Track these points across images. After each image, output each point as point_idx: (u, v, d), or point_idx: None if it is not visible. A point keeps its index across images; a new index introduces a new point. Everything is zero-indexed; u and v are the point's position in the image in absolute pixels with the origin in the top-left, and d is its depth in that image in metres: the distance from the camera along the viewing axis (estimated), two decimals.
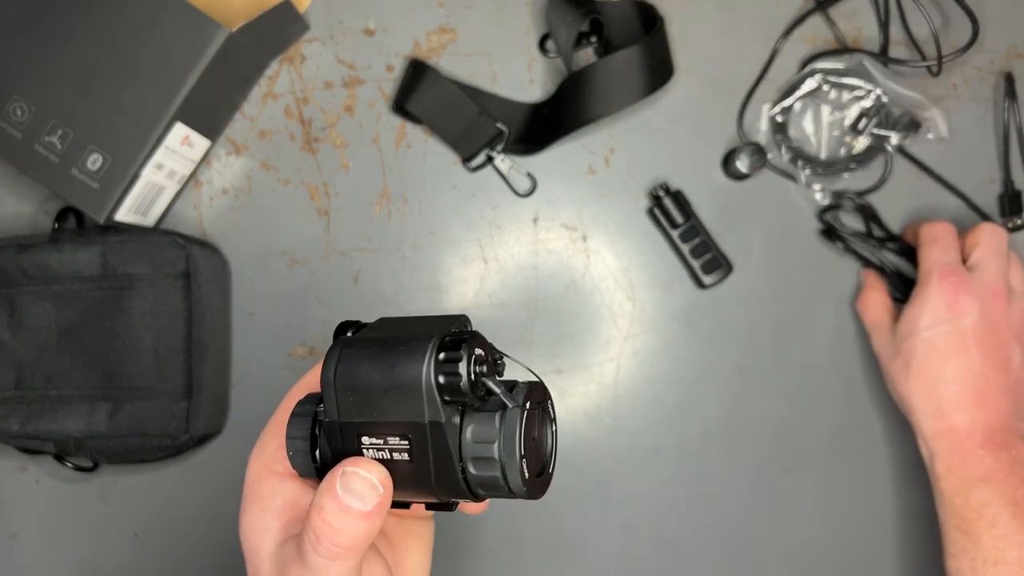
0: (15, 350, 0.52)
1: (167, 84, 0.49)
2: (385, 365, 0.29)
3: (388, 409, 0.29)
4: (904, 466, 0.56)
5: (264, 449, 0.35)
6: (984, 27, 0.57)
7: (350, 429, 0.30)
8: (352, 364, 0.29)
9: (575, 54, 0.55)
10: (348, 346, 0.30)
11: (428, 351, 0.28)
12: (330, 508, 0.29)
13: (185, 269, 0.52)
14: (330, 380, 0.29)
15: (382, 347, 0.29)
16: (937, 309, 0.49)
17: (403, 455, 0.29)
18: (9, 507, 0.56)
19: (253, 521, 0.33)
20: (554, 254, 0.57)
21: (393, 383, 0.28)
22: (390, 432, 0.29)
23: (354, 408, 0.29)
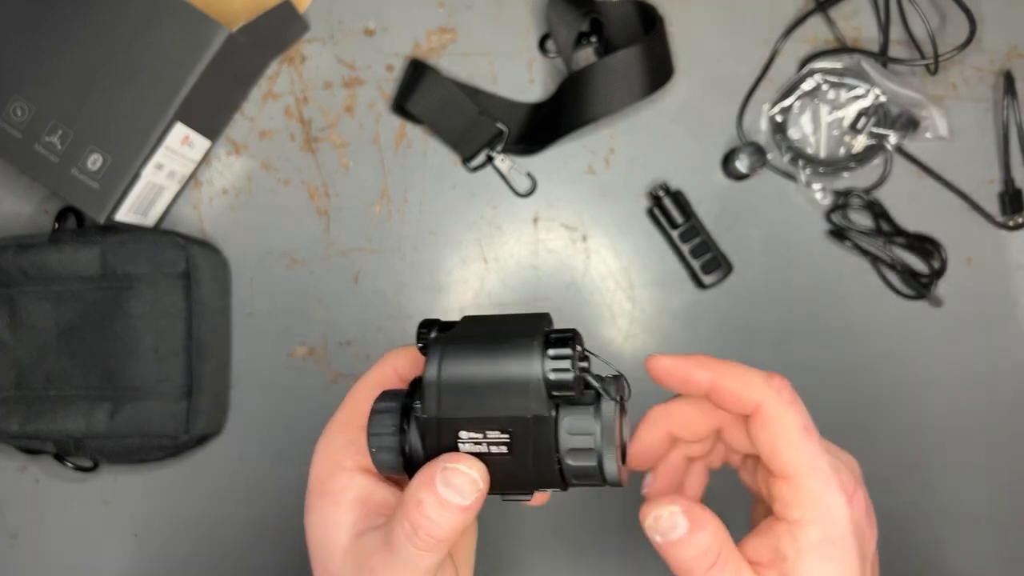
0: (15, 350, 0.52)
1: (167, 84, 0.49)
2: (493, 362, 0.30)
3: (492, 405, 0.30)
4: (903, 466, 0.56)
5: (332, 445, 0.34)
6: (984, 27, 0.57)
7: (449, 424, 0.30)
8: (458, 362, 0.30)
9: (575, 54, 0.55)
10: (450, 344, 0.30)
11: (537, 348, 0.29)
12: (429, 502, 0.30)
13: (185, 269, 0.52)
14: (434, 378, 0.30)
15: (487, 345, 0.30)
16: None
17: (501, 448, 0.30)
18: (9, 507, 0.56)
19: (324, 515, 0.33)
20: (554, 254, 0.57)
21: (501, 380, 0.29)
22: (491, 427, 0.30)
23: (456, 404, 0.30)
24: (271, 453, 0.55)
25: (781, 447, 0.32)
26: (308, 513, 0.34)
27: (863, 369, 0.56)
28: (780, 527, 0.32)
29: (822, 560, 0.31)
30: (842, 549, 0.32)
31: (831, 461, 0.32)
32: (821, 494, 0.32)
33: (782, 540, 0.32)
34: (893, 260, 0.55)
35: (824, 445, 0.33)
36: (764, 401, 0.33)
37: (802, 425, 0.33)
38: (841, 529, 0.32)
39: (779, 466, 0.32)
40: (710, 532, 0.31)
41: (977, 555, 0.56)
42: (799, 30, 0.57)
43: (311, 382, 0.56)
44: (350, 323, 0.56)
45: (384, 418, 0.32)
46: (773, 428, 0.33)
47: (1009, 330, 0.57)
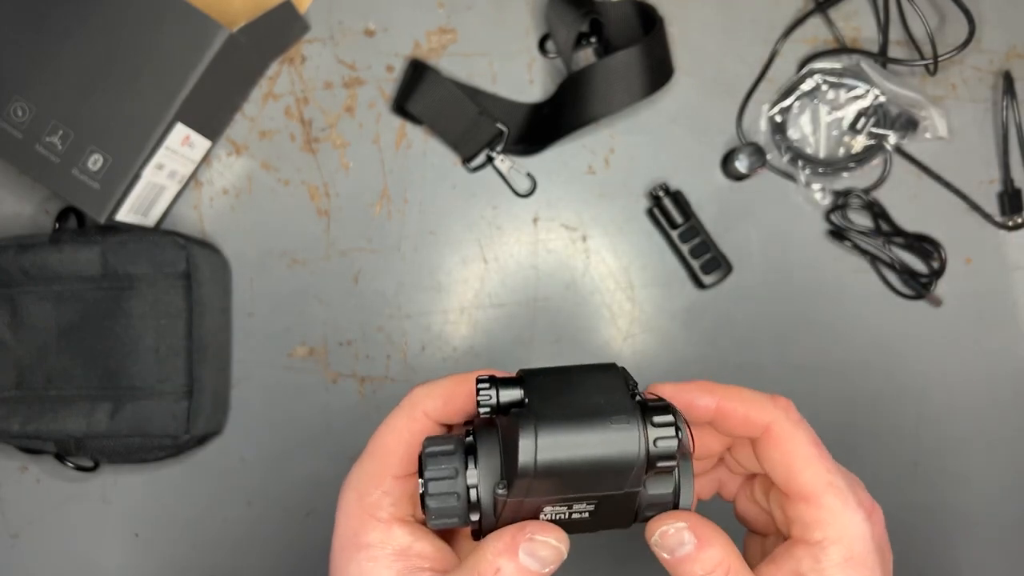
0: (15, 350, 0.52)
1: (168, 84, 0.49)
2: (593, 446, 0.28)
3: (587, 484, 0.29)
4: (903, 465, 0.56)
5: (365, 495, 0.33)
6: (983, 27, 0.57)
7: (535, 504, 0.29)
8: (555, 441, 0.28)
9: (575, 54, 0.55)
10: (542, 425, 0.28)
11: (639, 430, 0.28)
12: (508, 570, 0.29)
13: (185, 269, 0.52)
14: (529, 467, 0.28)
15: (583, 426, 0.28)
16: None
17: (584, 515, 0.30)
18: (10, 507, 0.56)
19: (363, 571, 0.32)
20: (554, 254, 0.57)
21: (601, 463, 0.28)
22: (579, 501, 0.29)
23: (547, 485, 0.29)
24: (271, 453, 0.56)
25: (795, 466, 0.32)
26: (342, 568, 0.33)
27: (863, 369, 0.56)
28: (799, 550, 0.31)
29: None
30: (866, 568, 0.31)
31: (846, 477, 0.32)
32: (841, 512, 0.31)
33: (803, 563, 0.31)
34: (892, 260, 0.55)
35: (835, 463, 0.33)
36: (773, 421, 0.32)
37: (813, 442, 0.32)
38: (864, 547, 0.31)
39: (796, 486, 0.32)
40: (719, 548, 0.30)
41: (977, 555, 0.56)
42: (799, 30, 0.57)
43: (311, 382, 0.56)
44: (350, 323, 0.56)
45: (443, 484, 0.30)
46: (785, 447, 0.32)
47: (1008, 330, 0.57)
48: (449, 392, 0.33)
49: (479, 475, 0.30)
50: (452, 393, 0.33)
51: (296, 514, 0.55)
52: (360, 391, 0.56)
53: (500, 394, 0.30)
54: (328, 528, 0.56)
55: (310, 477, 0.55)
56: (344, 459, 0.55)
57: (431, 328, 0.56)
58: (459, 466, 0.30)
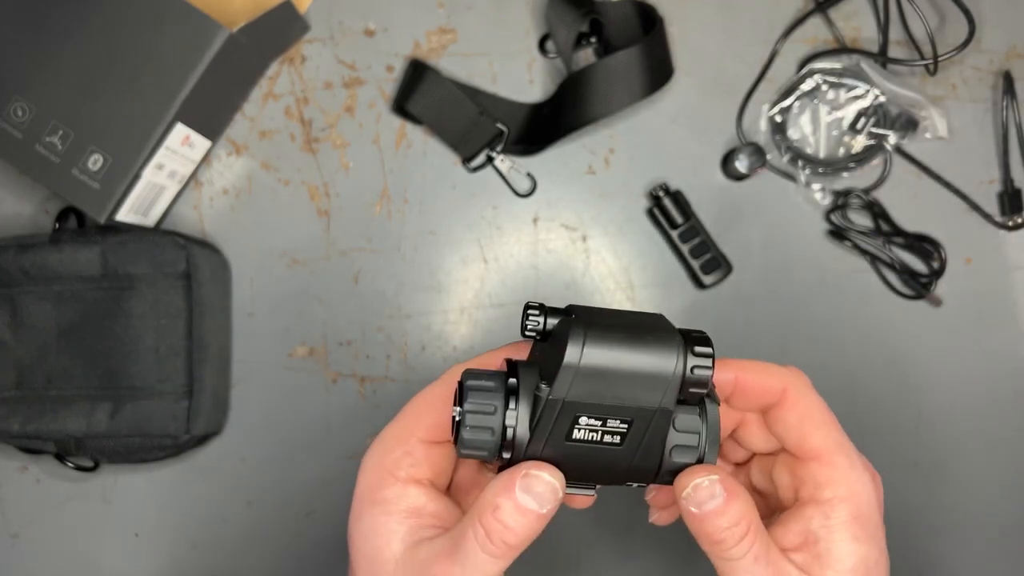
0: (15, 350, 0.52)
1: (168, 84, 0.49)
2: (636, 352, 0.30)
3: (624, 394, 0.30)
4: (903, 465, 0.56)
5: (387, 454, 0.34)
6: (983, 27, 0.57)
7: (572, 408, 0.30)
8: (600, 348, 0.30)
9: (575, 54, 0.55)
10: (591, 329, 0.30)
11: (680, 344, 0.30)
12: (506, 507, 0.30)
13: (185, 269, 0.52)
14: (575, 361, 0.29)
15: (629, 335, 0.30)
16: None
17: (615, 438, 0.31)
18: (9, 507, 0.56)
19: (376, 524, 0.33)
20: (554, 254, 0.57)
21: (641, 371, 0.30)
22: (613, 415, 0.30)
23: (588, 390, 0.30)
24: (271, 453, 0.56)
25: (809, 427, 0.34)
26: (356, 521, 0.34)
27: (862, 369, 0.56)
28: (809, 510, 0.33)
29: (853, 538, 0.32)
30: (871, 526, 0.33)
31: (851, 444, 0.34)
32: (850, 471, 0.33)
33: (813, 521, 0.33)
34: (892, 260, 0.55)
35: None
36: (789, 385, 0.34)
37: (826, 407, 0.34)
38: (869, 507, 0.33)
39: (809, 446, 0.33)
40: (744, 502, 0.31)
41: (977, 555, 0.56)
42: (799, 30, 0.57)
43: (311, 382, 0.56)
44: (350, 323, 0.56)
45: (483, 396, 0.31)
46: (800, 408, 0.34)
47: (1008, 330, 0.57)
48: (485, 362, 0.35)
49: (518, 413, 0.31)
50: (491, 361, 0.35)
51: (296, 514, 0.55)
52: (360, 391, 0.56)
53: (548, 320, 0.31)
54: (328, 528, 0.56)
55: (310, 477, 0.55)
56: (344, 459, 0.55)
57: (431, 328, 0.56)
58: (499, 404, 0.31)
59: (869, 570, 0.32)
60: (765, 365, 0.35)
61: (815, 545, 0.32)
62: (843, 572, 0.32)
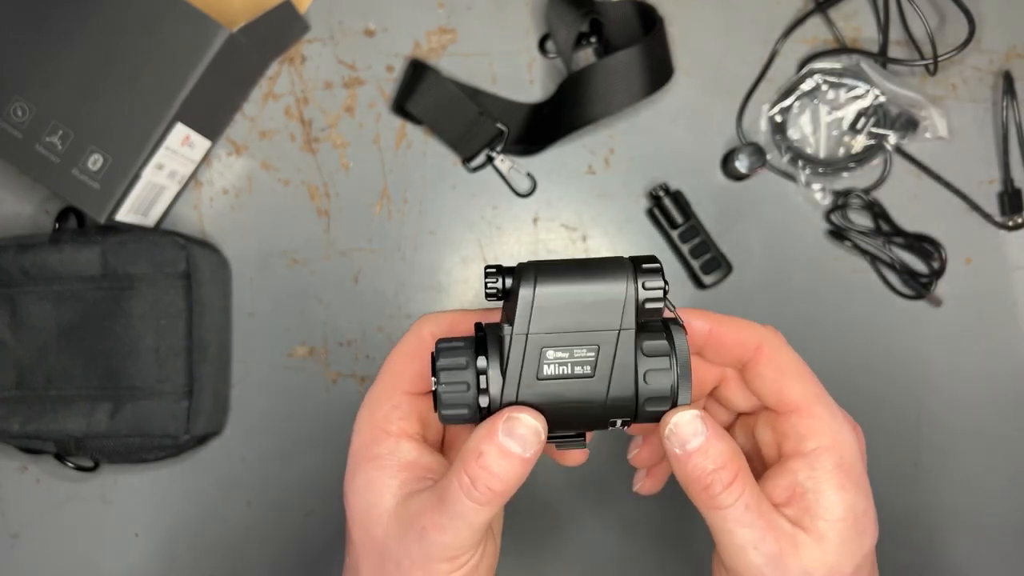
0: (15, 350, 0.52)
1: (168, 84, 0.49)
2: (587, 282, 0.31)
3: (583, 321, 0.31)
4: (903, 465, 0.56)
5: (376, 410, 0.34)
6: (983, 27, 0.57)
7: (537, 342, 0.31)
8: (552, 282, 0.31)
9: (575, 54, 0.55)
10: (542, 269, 0.31)
11: (630, 268, 0.31)
12: (490, 453, 0.30)
13: (185, 269, 0.52)
14: (529, 297, 0.31)
15: (579, 268, 0.31)
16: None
17: (585, 368, 0.31)
18: (9, 507, 0.56)
19: (370, 479, 0.33)
20: (554, 254, 0.57)
21: (595, 297, 0.31)
22: (578, 343, 0.31)
23: (548, 322, 0.31)
24: (271, 453, 0.56)
25: (787, 381, 0.34)
26: (351, 478, 0.34)
27: (862, 369, 0.56)
28: (794, 463, 0.33)
29: (840, 487, 0.32)
30: (856, 474, 0.33)
31: (830, 396, 0.34)
32: (831, 421, 0.33)
33: (799, 474, 0.33)
34: (893, 260, 0.55)
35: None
36: (764, 340, 0.34)
37: (801, 361, 0.34)
38: (852, 455, 0.33)
39: (788, 399, 0.34)
40: (728, 443, 0.31)
41: (977, 555, 0.56)
42: (799, 30, 0.57)
43: (311, 382, 0.56)
44: (350, 323, 0.56)
45: (454, 353, 0.32)
46: (777, 362, 0.34)
47: (1008, 330, 0.57)
48: (455, 320, 0.35)
49: (488, 360, 0.31)
50: (458, 321, 0.35)
51: (296, 514, 0.55)
52: (360, 391, 0.56)
53: (506, 280, 0.32)
54: (327, 528, 0.56)
55: (310, 477, 0.55)
56: (344, 459, 0.55)
57: None
58: (470, 358, 0.32)
59: (858, 518, 0.32)
60: (740, 320, 0.35)
61: (803, 497, 0.32)
62: (833, 521, 0.32)
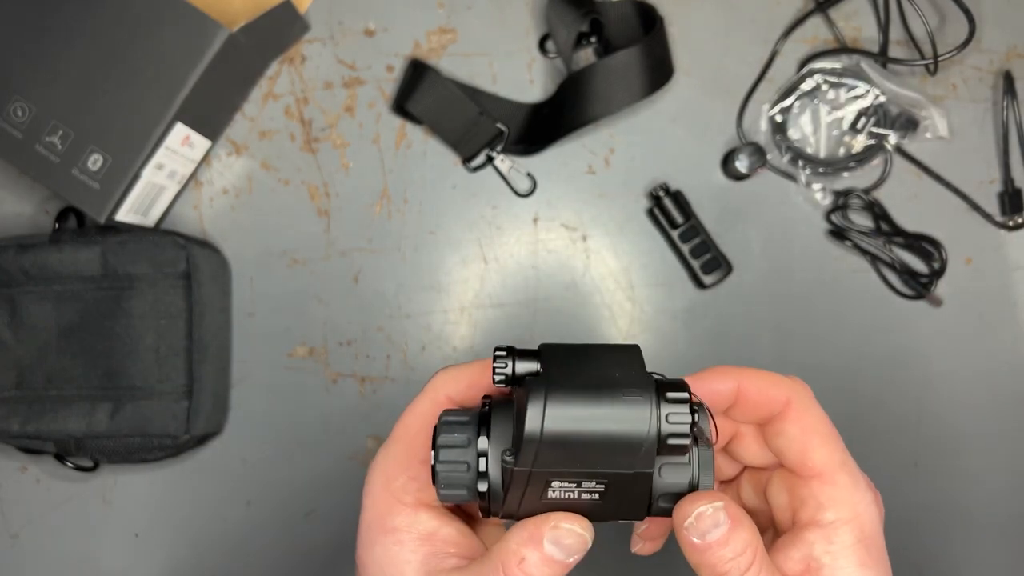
0: (15, 350, 0.52)
1: (167, 84, 0.49)
2: (603, 418, 0.27)
3: (595, 460, 0.28)
4: (903, 465, 0.56)
5: (392, 480, 0.32)
6: (983, 27, 0.57)
7: (541, 476, 0.28)
8: (563, 415, 0.27)
9: (575, 54, 0.55)
10: (553, 391, 0.27)
11: (652, 403, 0.27)
12: (533, 559, 0.29)
13: (185, 269, 0.52)
14: (536, 433, 0.27)
15: (596, 395, 0.27)
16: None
17: (594, 496, 0.29)
18: (9, 507, 0.56)
19: (389, 554, 0.32)
20: (554, 254, 0.57)
21: (611, 436, 0.27)
22: (588, 479, 0.28)
23: (555, 459, 0.28)
24: (271, 453, 0.56)
25: (813, 443, 0.31)
26: (367, 550, 0.32)
27: (862, 369, 0.56)
28: (811, 534, 0.31)
29: (860, 564, 0.30)
30: (876, 549, 0.31)
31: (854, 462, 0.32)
32: (853, 491, 0.31)
33: (815, 546, 0.30)
34: (893, 260, 0.55)
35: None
36: (793, 397, 0.32)
37: (829, 421, 0.32)
38: (874, 529, 0.31)
39: (811, 463, 0.31)
40: (749, 529, 0.29)
41: (977, 555, 0.56)
42: (799, 30, 0.57)
43: (311, 382, 0.56)
44: (350, 323, 0.56)
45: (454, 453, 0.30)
46: (804, 422, 0.32)
47: (1009, 330, 0.57)
48: (473, 376, 0.33)
49: (490, 446, 0.29)
50: (476, 377, 0.33)
51: (296, 514, 0.55)
52: (360, 391, 0.56)
53: (516, 365, 0.29)
54: (328, 528, 0.56)
55: (310, 477, 0.55)
56: (344, 459, 0.55)
57: (431, 328, 0.56)
58: (471, 436, 0.30)
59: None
60: (768, 374, 0.33)
61: (818, 572, 0.30)
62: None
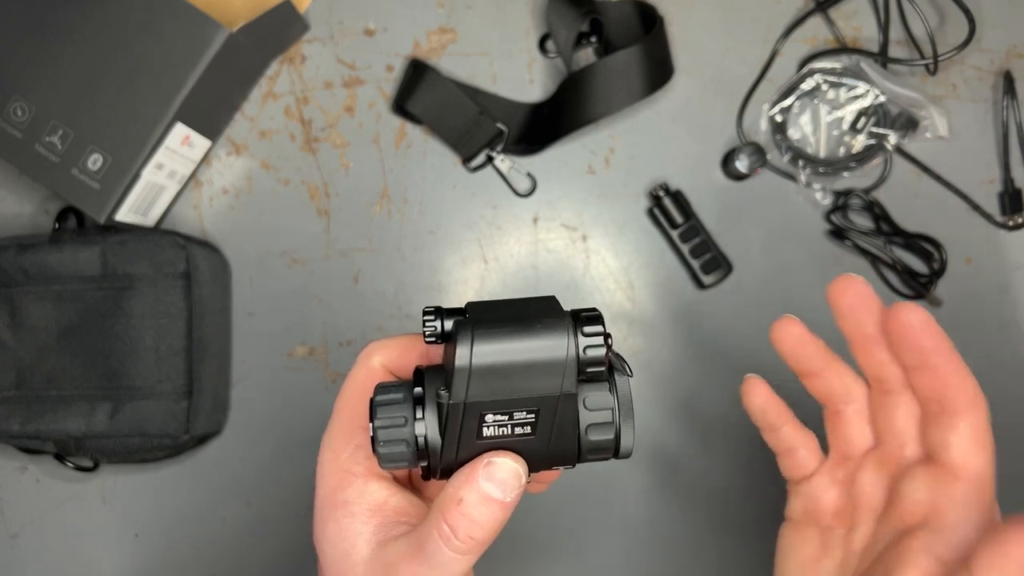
0: (15, 350, 0.52)
1: (167, 84, 0.49)
2: (525, 344, 0.29)
3: (522, 386, 0.30)
4: None
5: (339, 452, 0.33)
6: (983, 27, 0.57)
7: (475, 408, 0.30)
8: (489, 345, 0.29)
9: (575, 54, 0.55)
10: (479, 328, 0.29)
11: (569, 327, 0.29)
12: (471, 499, 0.29)
13: (185, 269, 0.52)
14: (466, 363, 0.29)
15: (518, 327, 0.30)
16: None
17: (526, 429, 0.30)
18: (9, 507, 0.56)
19: (341, 528, 0.32)
20: (554, 254, 0.57)
21: (534, 360, 0.29)
22: (518, 407, 0.30)
23: (486, 388, 0.29)
24: (271, 453, 0.56)
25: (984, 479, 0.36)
26: (321, 527, 0.33)
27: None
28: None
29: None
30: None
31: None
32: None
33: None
34: (893, 260, 0.55)
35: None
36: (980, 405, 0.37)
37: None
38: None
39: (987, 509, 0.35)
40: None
41: None
42: (799, 30, 0.57)
43: (311, 382, 0.56)
44: (350, 323, 0.56)
45: (391, 409, 0.31)
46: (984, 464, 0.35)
47: (1008, 330, 0.57)
48: (406, 344, 0.34)
49: (425, 396, 0.31)
50: (407, 347, 0.34)
51: (296, 514, 0.55)
52: None
53: (445, 322, 0.31)
54: None
55: (310, 477, 0.55)
56: None
57: None
58: (407, 393, 0.31)
59: None
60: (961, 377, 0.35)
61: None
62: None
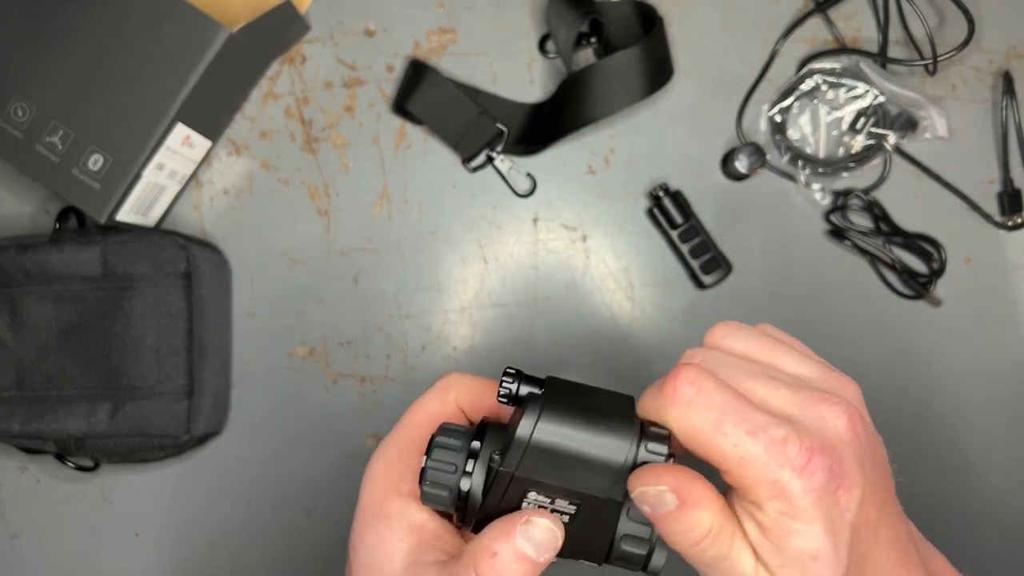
0: (16, 350, 0.52)
1: (168, 84, 0.49)
2: (588, 437, 0.29)
3: (573, 477, 0.29)
4: (902, 464, 0.56)
5: (391, 468, 0.34)
6: (983, 27, 0.57)
7: (521, 483, 0.30)
8: (553, 427, 0.29)
9: (575, 54, 0.55)
10: (549, 406, 0.30)
11: (634, 435, 0.29)
12: (505, 554, 0.29)
13: (186, 269, 0.52)
14: (526, 437, 0.29)
15: (585, 418, 0.30)
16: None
17: (564, 517, 0.30)
18: (9, 507, 0.56)
19: (381, 539, 0.33)
20: (554, 254, 0.57)
21: (591, 456, 0.29)
22: (563, 496, 0.30)
23: (537, 467, 0.30)
24: (271, 453, 0.56)
25: (702, 451, 0.30)
26: (361, 532, 0.34)
27: (862, 369, 0.56)
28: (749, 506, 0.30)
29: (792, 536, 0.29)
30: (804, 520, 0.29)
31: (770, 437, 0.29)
32: (763, 477, 0.29)
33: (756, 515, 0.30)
34: (892, 260, 0.55)
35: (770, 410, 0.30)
36: (667, 418, 0.30)
37: (712, 420, 0.29)
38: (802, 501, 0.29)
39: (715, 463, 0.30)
40: (703, 509, 0.29)
41: (977, 554, 0.56)
42: (798, 31, 0.57)
43: (311, 382, 0.56)
44: (350, 323, 0.56)
45: (447, 454, 0.31)
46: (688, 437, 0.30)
47: (1008, 330, 0.57)
48: (481, 389, 0.35)
49: (480, 453, 0.31)
50: (483, 390, 0.35)
51: (296, 514, 0.55)
52: (360, 391, 0.56)
53: (521, 387, 0.32)
54: (328, 528, 0.56)
55: (310, 477, 0.55)
56: (344, 459, 0.55)
57: (431, 328, 0.56)
58: (465, 443, 0.32)
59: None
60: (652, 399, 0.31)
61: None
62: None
